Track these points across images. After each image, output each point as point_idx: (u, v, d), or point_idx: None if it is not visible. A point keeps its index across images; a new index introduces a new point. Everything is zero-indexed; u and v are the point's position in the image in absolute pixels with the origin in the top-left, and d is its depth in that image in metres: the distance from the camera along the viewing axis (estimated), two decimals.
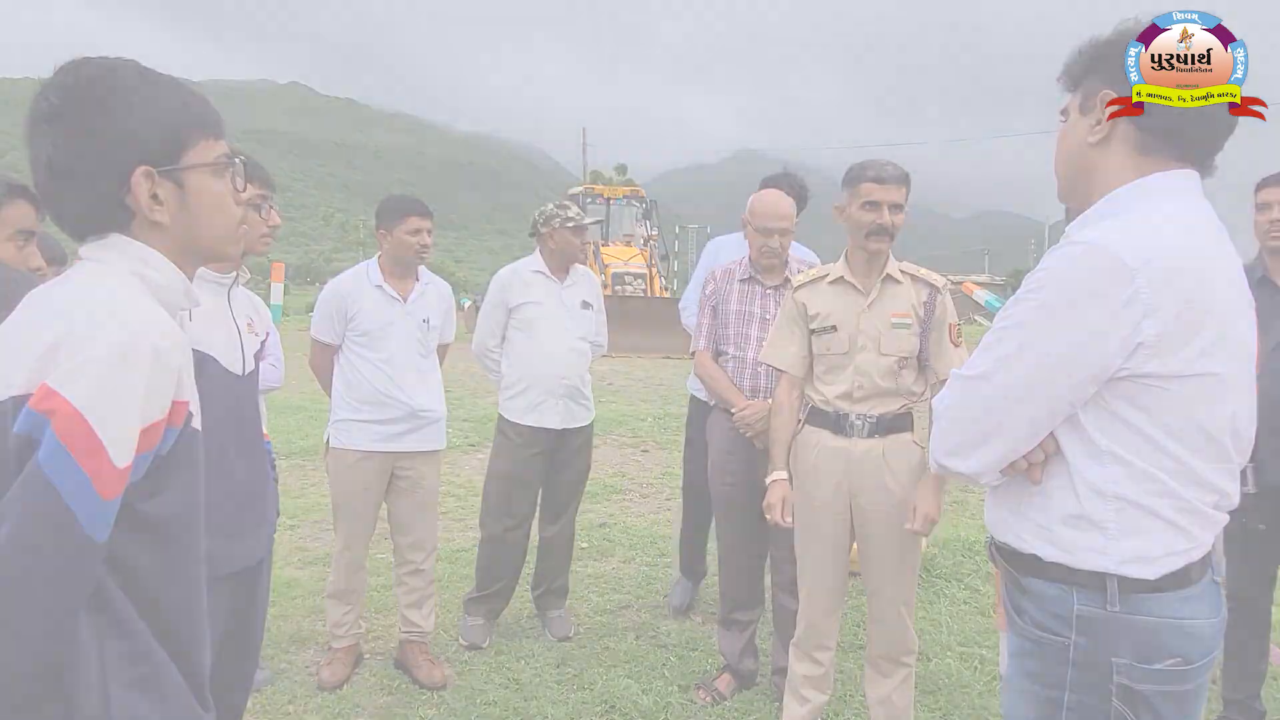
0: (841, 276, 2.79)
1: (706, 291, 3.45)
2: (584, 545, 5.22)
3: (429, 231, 3.51)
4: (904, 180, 2.70)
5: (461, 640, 3.76)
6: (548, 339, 3.76)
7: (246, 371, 2.22)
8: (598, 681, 3.48)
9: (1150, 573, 1.36)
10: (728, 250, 4.01)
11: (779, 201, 3.28)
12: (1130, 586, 1.37)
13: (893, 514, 2.70)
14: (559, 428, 3.77)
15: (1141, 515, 1.37)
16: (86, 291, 1.12)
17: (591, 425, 3.95)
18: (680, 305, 4.35)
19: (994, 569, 1.95)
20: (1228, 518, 1.46)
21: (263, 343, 2.42)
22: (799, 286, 2.86)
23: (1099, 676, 1.38)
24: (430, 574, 3.62)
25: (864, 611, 3.06)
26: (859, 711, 3.22)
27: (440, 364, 3.75)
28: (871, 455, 2.71)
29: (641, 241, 19.26)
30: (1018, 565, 1.47)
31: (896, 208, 2.69)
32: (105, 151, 1.16)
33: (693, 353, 3.52)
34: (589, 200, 18.99)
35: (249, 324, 2.29)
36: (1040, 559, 1.42)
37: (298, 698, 3.32)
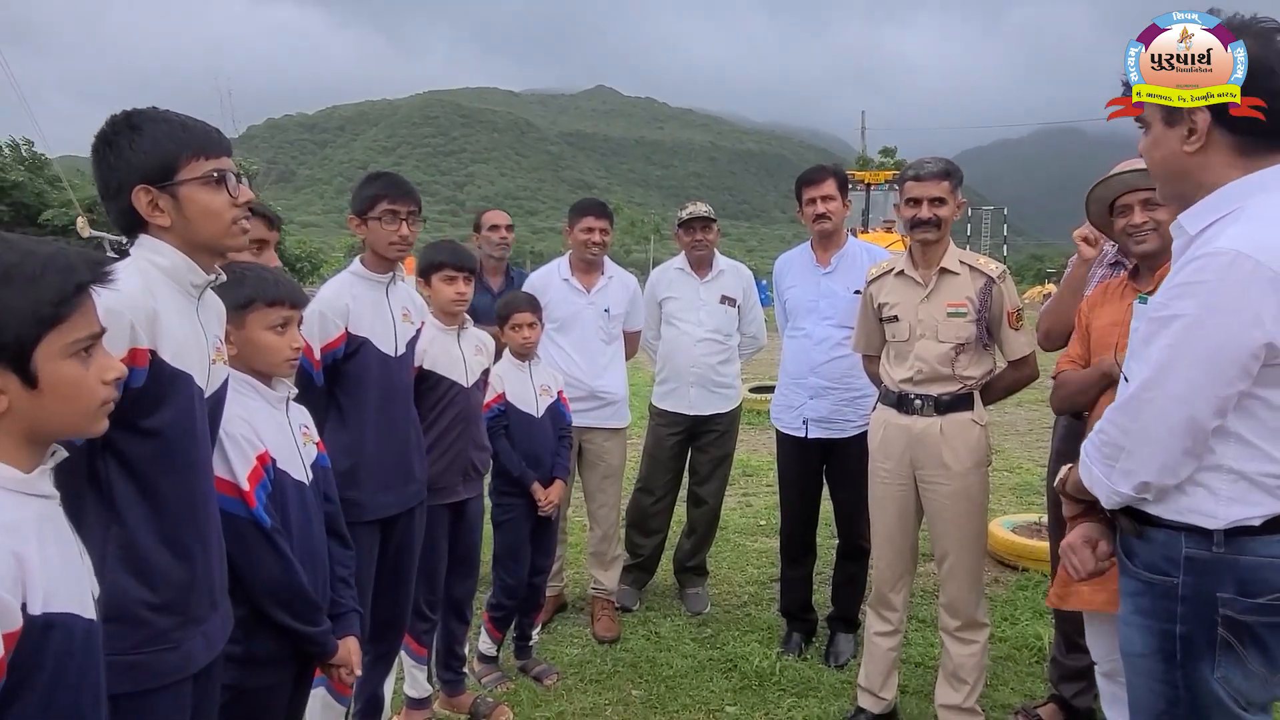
0: (903, 270, 2.95)
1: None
2: (762, 523, 5.53)
3: (602, 231, 3.96)
4: (944, 175, 2.83)
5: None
6: (681, 331, 4.12)
7: (399, 354, 2.71)
8: (729, 643, 3.83)
9: (1255, 520, 1.51)
10: (794, 267, 3.83)
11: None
12: (1235, 531, 1.51)
13: (952, 486, 2.87)
14: (691, 413, 4.11)
15: (1249, 487, 1.51)
16: None
17: (734, 413, 4.24)
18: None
19: None
20: None
21: (418, 330, 2.85)
22: (871, 280, 3.06)
23: (1205, 610, 1.53)
24: (615, 538, 4.12)
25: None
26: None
27: (633, 349, 4.25)
28: (930, 432, 2.88)
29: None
30: (1134, 516, 1.64)
31: (937, 201, 2.83)
32: (117, 177, 1.53)
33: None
34: (850, 186, 18.61)
35: (405, 314, 2.76)
36: (1154, 515, 1.59)
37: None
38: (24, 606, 1.09)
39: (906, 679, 3.43)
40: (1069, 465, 1.87)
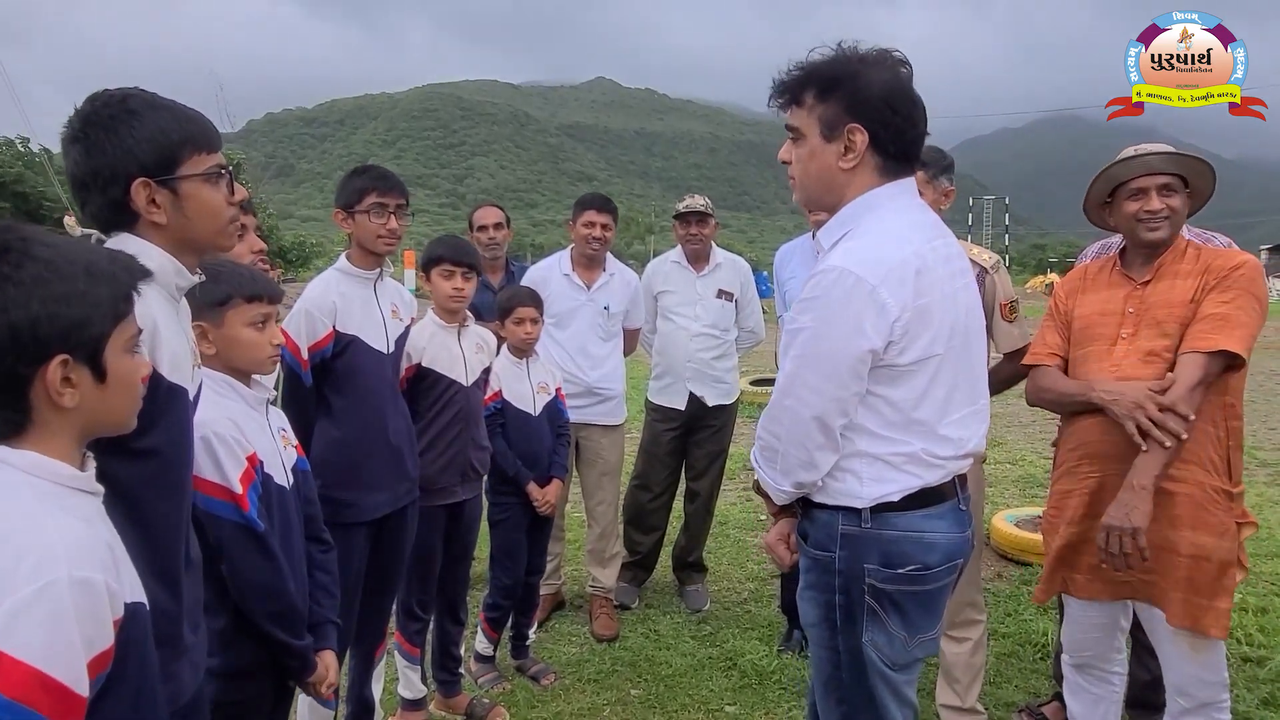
0: None
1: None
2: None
3: (604, 225, 3.89)
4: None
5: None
6: (678, 325, 4.07)
7: (389, 351, 2.66)
8: (729, 640, 3.78)
9: (894, 495, 1.68)
10: (794, 256, 3.54)
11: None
12: (879, 507, 1.68)
13: None
14: (687, 408, 4.06)
15: (885, 468, 1.68)
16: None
17: (733, 407, 4.20)
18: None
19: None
20: (970, 461, 1.76)
21: (407, 327, 2.80)
22: None
23: (855, 581, 1.70)
24: (613, 535, 4.07)
25: None
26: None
27: (631, 347, 4.18)
28: None
29: None
30: (802, 502, 1.81)
31: None
32: (111, 166, 1.39)
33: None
34: None
35: (394, 310, 2.71)
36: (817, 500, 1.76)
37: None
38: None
39: None
40: None
